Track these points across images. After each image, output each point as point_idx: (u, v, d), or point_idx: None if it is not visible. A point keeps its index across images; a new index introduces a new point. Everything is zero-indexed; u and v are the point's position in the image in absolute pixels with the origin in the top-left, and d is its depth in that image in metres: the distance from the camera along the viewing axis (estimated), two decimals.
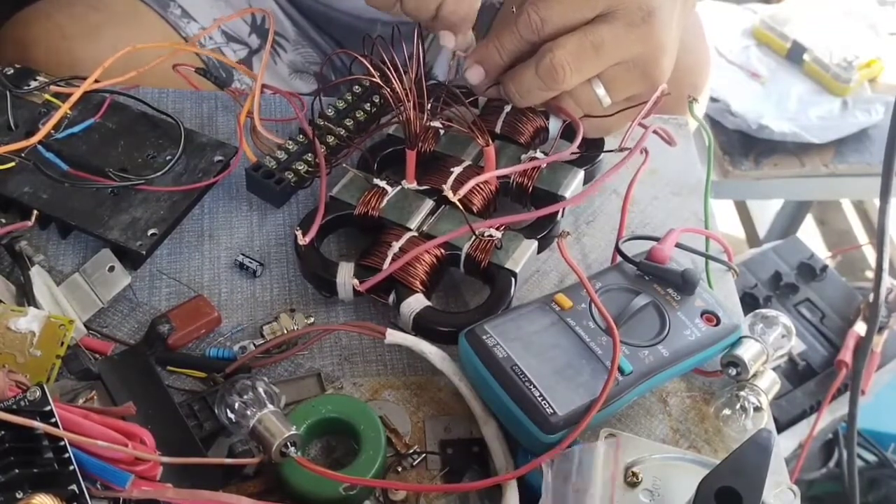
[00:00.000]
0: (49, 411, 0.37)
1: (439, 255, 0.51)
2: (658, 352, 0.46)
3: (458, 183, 0.54)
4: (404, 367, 0.50)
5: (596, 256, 0.57)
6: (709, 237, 0.57)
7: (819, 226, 1.75)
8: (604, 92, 0.55)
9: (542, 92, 0.54)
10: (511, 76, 0.55)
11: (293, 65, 0.84)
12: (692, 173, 0.63)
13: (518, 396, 0.44)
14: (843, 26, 1.39)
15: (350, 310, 0.52)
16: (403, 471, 0.45)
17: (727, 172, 1.27)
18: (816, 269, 0.95)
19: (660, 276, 0.50)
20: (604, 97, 0.55)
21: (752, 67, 1.35)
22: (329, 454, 0.46)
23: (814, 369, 0.88)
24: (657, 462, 0.42)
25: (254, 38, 0.80)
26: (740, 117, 1.27)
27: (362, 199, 0.54)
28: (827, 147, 1.28)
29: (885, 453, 1.07)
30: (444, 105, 0.55)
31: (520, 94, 0.55)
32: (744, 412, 0.48)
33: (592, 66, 0.53)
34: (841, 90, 1.30)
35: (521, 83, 0.54)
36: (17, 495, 0.34)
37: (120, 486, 0.36)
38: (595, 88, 0.55)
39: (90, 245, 0.53)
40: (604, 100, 0.55)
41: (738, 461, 0.38)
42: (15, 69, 0.58)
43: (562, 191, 0.55)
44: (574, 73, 0.52)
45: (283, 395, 0.46)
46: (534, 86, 0.54)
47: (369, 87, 0.60)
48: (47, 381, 0.44)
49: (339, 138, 0.57)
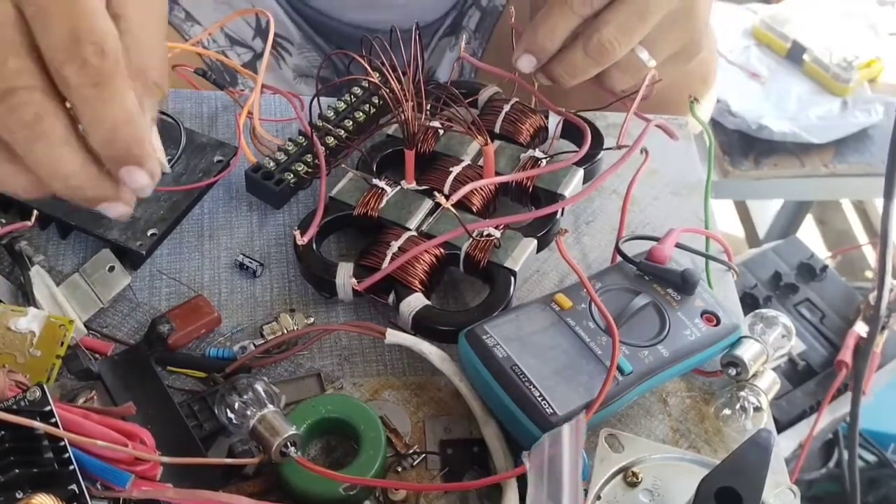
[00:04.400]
0: (49, 411, 0.37)
1: (438, 255, 0.51)
2: (658, 352, 0.46)
3: (458, 183, 0.54)
4: (404, 367, 0.50)
5: (596, 256, 0.57)
6: (709, 237, 0.57)
7: (819, 226, 1.76)
8: (647, 55, 0.55)
9: (592, 69, 0.54)
10: (559, 59, 0.55)
11: (298, 69, 0.84)
12: (692, 173, 0.63)
13: (518, 396, 0.44)
14: (843, 26, 1.40)
15: (350, 310, 0.52)
16: (403, 471, 0.45)
17: (727, 172, 1.27)
18: (816, 269, 0.95)
19: (660, 276, 0.50)
20: (648, 60, 0.55)
21: (752, 67, 1.35)
22: (329, 454, 0.46)
23: (814, 369, 0.88)
24: (657, 462, 0.42)
25: (258, 41, 0.80)
26: (740, 117, 1.27)
27: (362, 199, 0.54)
28: (827, 147, 1.28)
29: (885, 453, 1.07)
30: (443, 105, 0.55)
31: (569, 74, 0.55)
32: (744, 412, 0.48)
33: (639, 33, 0.53)
34: (841, 90, 1.30)
35: (570, 64, 0.54)
36: (17, 495, 0.34)
37: (120, 487, 0.36)
38: (639, 54, 0.55)
39: (90, 245, 0.53)
40: (648, 63, 0.55)
41: (738, 461, 0.38)
42: None
43: (561, 189, 0.55)
44: (623, 45, 0.53)
45: (283, 395, 0.46)
46: (583, 65, 0.54)
47: (369, 89, 0.60)
48: (47, 381, 0.44)
49: (339, 139, 0.57)
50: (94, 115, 0.36)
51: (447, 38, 0.84)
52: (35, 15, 0.35)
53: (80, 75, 0.35)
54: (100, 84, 0.36)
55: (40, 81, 0.36)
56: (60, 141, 0.37)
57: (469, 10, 0.83)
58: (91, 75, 0.35)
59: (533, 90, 0.59)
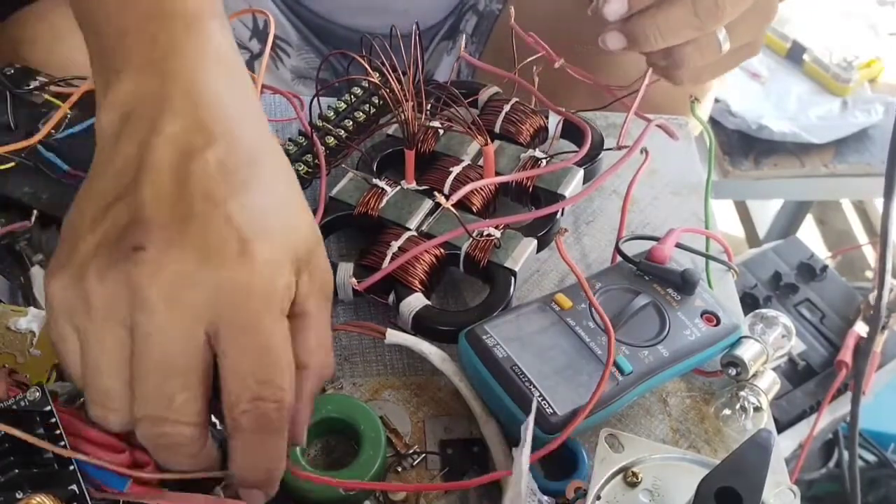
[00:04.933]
0: (49, 412, 0.37)
1: (438, 255, 0.51)
2: (658, 352, 0.46)
3: (458, 183, 0.54)
4: (404, 367, 0.50)
5: (596, 256, 0.57)
6: (709, 237, 0.57)
7: (819, 226, 1.75)
8: (724, 35, 0.52)
9: (690, 32, 0.51)
10: (657, 13, 0.50)
11: (296, 70, 0.84)
12: (692, 173, 0.63)
13: (518, 396, 0.44)
14: (843, 26, 1.39)
15: (350, 310, 0.52)
16: (403, 471, 0.45)
17: (727, 172, 1.27)
18: (816, 269, 0.95)
19: (660, 276, 0.50)
20: (724, 41, 0.52)
21: (751, 67, 1.35)
22: (329, 454, 0.46)
23: (814, 369, 0.88)
24: (657, 462, 0.42)
25: (255, 42, 0.80)
26: (740, 117, 1.27)
27: (362, 199, 0.54)
28: (827, 147, 1.28)
29: (885, 453, 1.07)
30: (443, 105, 0.55)
31: (662, 32, 0.51)
32: (744, 412, 0.48)
33: (743, 5, 0.50)
34: (841, 90, 1.30)
35: (670, 20, 0.50)
36: (17, 495, 0.34)
37: (118, 490, 0.36)
38: (718, 34, 0.52)
39: None
40: (724, 46, 0.52)
41: (738, 461, 0.38)
42: (15, 69, 0.58)
43: (561, 189, 0.55)
44: (732, 12, 0.50)
45: None
46: (685, 24, 0.50)
47: (369, 89, 0.60)
48: (47, 381, 0.44)
49: (339, 139, 0.57)
50: (247, 458, 0.35)
51: (445, 42, 0.84)
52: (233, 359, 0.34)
53: (251, 422, 0.34)
54: (266, 433, 0.34)
55: (200, 418, 0.34)
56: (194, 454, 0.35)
57: (466, 13, 0.83)
58: (261, 425, 0.34)
59: (533, 90, 0.59)
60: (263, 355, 0.34)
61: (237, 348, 0.34)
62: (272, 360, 0.34)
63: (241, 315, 0.33)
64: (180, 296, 0.33)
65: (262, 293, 0.34)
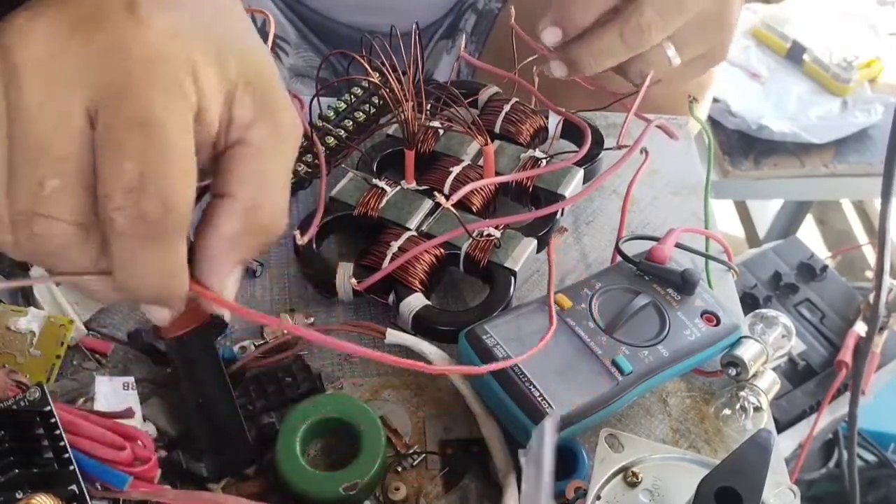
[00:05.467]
0: (49, 411, 0.37)
1: (438, 255, 0.51)
2: (658, 352, 0.46)
3: (458, 183, 0.54)
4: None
5: (596, 256, 0.57)
6: (709, 237, 0.57)
7: (819, 226, 1.76)
8: (674, 52, 0.53)
9: (621, 55, 0.52)
10: (588, 40, 0.52)
11: (295, 69, 0.84)
12: (692, 173, 0.63)
13: (518, 396, 0.44)
14: (843, 26, 1.39)
15: (350, 310, 0.52)
16: (403, 471, 0.45)
17: (727, 172, 1.27)
18: (816, 269, 0.95)
19: (660, 276, 0.50)
20: (674, 57, 0.53)
21: (751, 67, 1.35)
22: (329, 454, 0.46)
23: (814, 369, 0.88)
24: (657, 462, 0.42)
25: None
26: (740, 117, 1.27)
27: (362, 199, 0.54)
28: (827, 147, 1.28)
29: (885, 453, 1.07)
30: (443, 105, 0.55)
31: (594, 57, 0.52)
32: (744, 412, 0.48)
33: (675, 22, 0.51)
34: (841, 90, 1.30)
35: (600, 46, 0.51)
36: (17, 495, 0.34)
37: (118, 488, 0.36)
38: (666, 49, 0.53)
39: None
40: (673, 60, 0.53)
41: (737, 461, 0.38)
42: None
43: (561, 189, 0.55)
44: (660, 32, 0.51)
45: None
46: (615, 49, 0.51)
47: (369, 89, 0.60)
48: (47, 381, 0.44)
49: (339, 139, 0.57)
50: (127, 269, 0.31)
51: (444, 41, 0.84)
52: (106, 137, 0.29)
53: (130, 225, 0.29)
54: (148, 242, 0.30)
55: (76, 216, 0.29)
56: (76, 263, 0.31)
57: (466, 13, 0.83)
58: (141, 230, 0.29)
59: (533, 90, 0.59)
60: (146, 136, 0.28)
61: (113, 120, 0.28)
62: (156, 144, 0.28)
63: (118, 79, 0.28)
64: (51, 64, 0.28)
65: (145, 58, 0.28)
